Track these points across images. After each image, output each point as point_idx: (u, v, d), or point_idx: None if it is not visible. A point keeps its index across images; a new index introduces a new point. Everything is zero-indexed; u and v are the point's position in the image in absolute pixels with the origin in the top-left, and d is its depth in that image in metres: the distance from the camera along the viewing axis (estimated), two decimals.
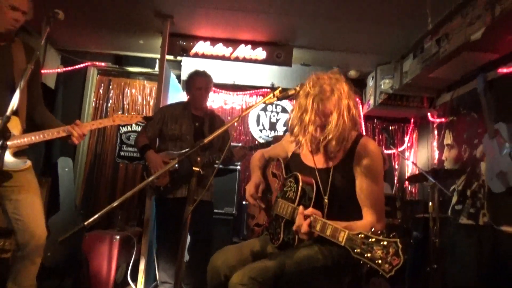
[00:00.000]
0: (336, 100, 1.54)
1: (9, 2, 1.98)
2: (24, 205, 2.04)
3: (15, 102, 1.70)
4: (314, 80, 1.60)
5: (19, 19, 2.03)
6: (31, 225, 2.02)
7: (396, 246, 1.18)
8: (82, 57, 4.85)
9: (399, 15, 3.48)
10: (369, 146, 1.62)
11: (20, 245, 2.03)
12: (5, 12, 1.98)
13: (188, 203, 1.48)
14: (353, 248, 1.26)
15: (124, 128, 4.93)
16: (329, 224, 1.40)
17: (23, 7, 2.03)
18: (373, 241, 1.22)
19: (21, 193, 2.05)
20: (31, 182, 2.13)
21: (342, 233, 1.33)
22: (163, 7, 3.66)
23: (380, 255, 1.19)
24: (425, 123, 4.83)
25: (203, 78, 3.18)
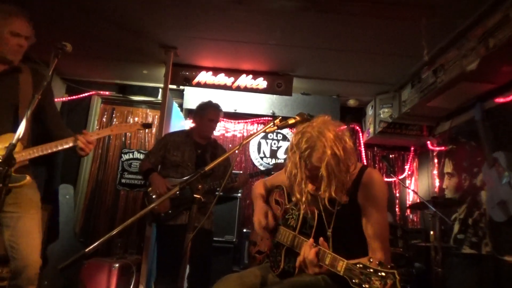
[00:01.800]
0: (321, 153, 1.50)
1: (9, 29, 2.02)
2: (21, 233, 2.03)
3: (20, 131, 1.73)
4: (299, 136, 1.58)
5: (22, 45, 2.08)
6: (26, 254, 2.01)
7: (393, 278, 1.18)
8: (86, 86, 4.95)
9: (397, 47, 3.58)
10: (374, 177, 1.63)
11: (14, 273, 2.01)
12: (7, 38, 2.03)
13: (188, 230, 1.49)
14: (352, 278, 1.26)
15: (126, 155, 4.96)
16: (328, 253, 1.40)
17: (25, 32, 2.08)
18: (371, 271, 1.22)
19: (19, 220, 2.04)
20: (31, 199, 2.12)
21: (341, 263, 1.33)
22: (167, 39, 3.78)
23: (378, 286, 1.19)
24: (425, 151, 4.85)
25: (217, 112, 3.25)
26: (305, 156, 1.52)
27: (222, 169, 3.21)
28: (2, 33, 2.02)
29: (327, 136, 1.52)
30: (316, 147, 1.51)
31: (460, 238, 3.81)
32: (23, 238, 2.02)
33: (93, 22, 3.52)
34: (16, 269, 2.00)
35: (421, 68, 3.88)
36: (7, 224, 2.02)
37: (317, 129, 1.55)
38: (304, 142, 1.53)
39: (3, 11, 2.04)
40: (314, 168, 1.52)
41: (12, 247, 2.01)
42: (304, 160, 1.52)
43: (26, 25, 2.09)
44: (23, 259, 2.00)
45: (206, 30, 3.57)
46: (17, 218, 2.04)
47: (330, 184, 1.50)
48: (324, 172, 1.49)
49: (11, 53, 2.06)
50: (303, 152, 1.52)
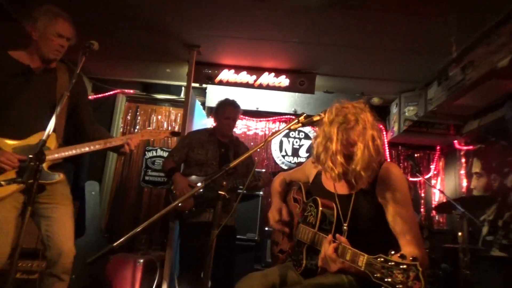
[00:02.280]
0: (360, 130, 1.52)
1: (55, 30, 2.11)
2: (56, 223, 2.12)
3: (50, 127, 1.78)
4: (338, 109, 1.59)
5: (64, 45, 2.17)
6: (60, 243, 2.09)
7: (416, 270, 1.13)
8: (111, 84, 5.06)
9: (423, 44, 3.49)
10: (391, 170, 1.59)
11: (49, 262, 2.10)
12: (51, 39, 2.12)
13: (213, 227, 1.49)
14: (373, 272, 1.23)
15: (150, 153, 5.04)
16: (348, 248, 1.37)
17: (68, 34, 2.17)
18: (393, 264, 1.18)
19: (54, 211, 2.13)
20: (64, 195, 2.22)
21: (362, 257, 1.30)
22: (190, 38, 3.81)
23: (401, 279, 1.14)
24: (451, 151, 4.72)
25: (233, 109, 3.25)
26: (345, 128, 1.52)
27: (244, 168, 3.22)
28: (48, 33, 2.11)
29: (368, 118, 1.55)
30: (358, 122, 1.53)
31: (489, 240, 3.69)
32: (58, 227, 2.11)
33: (119, 23, 3.58)
34: (51, 257, 2.09)
35: (449, 65, 3.77)
36: (43, 215, 2.12)
37: (358, 108, 1.58)
38: (345, 115, 1.54)
39: (50, 12, 2.13)
40: (350, 143, 1.52)
41: (48, 236, 2.10)
42: (342, 132, 1.52)
43: (69, 27, 2.18)
44: (58, 248, 2.08)
45: (229, 29, 3.58)
46: (51, 208, 2.13)
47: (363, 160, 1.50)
48: (361, 148, 1.49)
49: (53, 53, 2.15)
50: (344, 123, 1.53)
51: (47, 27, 2.11)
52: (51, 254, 2.09)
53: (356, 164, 1.52)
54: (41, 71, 2.18)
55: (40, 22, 2.10)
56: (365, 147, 1.50)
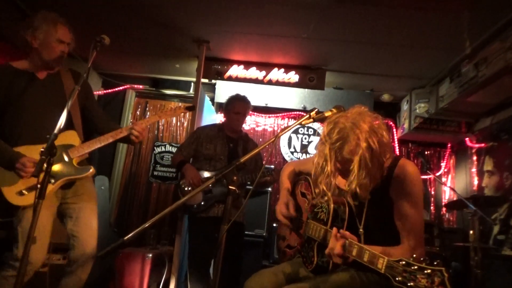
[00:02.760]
0: (354, 146, 1.44)
1: (56, 37, 2.15)
2: (82, 223, 2.18)
3: (62, 121, 1.79)
4: (331, 126, 1.51)
5: (65, 50, 2.21)
6: (85, 244, 2.15)
7: (441, 275, 1.10)
8: (121, 80, 5.07)
9: (435, 40, 3.44)
10: (407, 169, 1.53)
11: (71, 260, 2.15)
12: (53, 46, 2.15)
13: (223, 222, 1.49)
14: (394, 276, 1.19)
15: (159, 148, 5.05)
16: (366, 249, 1.34)
17: (68, 39, 2.21)
18: (416, 269, 1.15)
19: (81, 211, 2.19)
20: (91, 193, 2.30)
21: (381, 260, 1.26)
22: (200, 33, 3.80)
23: (425, 284, 1.11)
24: (463, 148, 4.67)
25: (243, 104, 3.24)
26: (336, 147, 1.46)
27: (253, 163, 3.21)
28: (50, 41, 2.14)
29: (362, 128, 1.44)
30: (348, 139, 1.44)
31: (501, 239, 3.64)
32: (83, 228, 2.18)
33: (129, 18, 3.59)
34: (74, 256, 2.14)
35: (461, 61, 3.72)
36: (70, 215, 2.18)
37: (351, 120, 1.47)
38: (336, 133, 1.46)
39: (49, 20, 2.15)
40: (345, 161, 1.45)
41: (74, 236, 2.16)
42: (335, 152, 1.46)
43: (68, 31, 2.21)
44: (82, 248, 2.15)
45: (239, 24, 3.56)
46: (78, 209, 2.19)
47: (359, 177, 1.43)
48: (356, 165, 1.42)
49: (56, 59, 2.19)
50: (334, 143, 1.46)
51: (47, 35, 2.14)
52: (74, 253, 2.14)
53: (350, 182, 1.46)
54: (45, 77, 2.23)
55: (39, 30, 2.13)
56: (360, 163, 1.43)
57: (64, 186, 2.14)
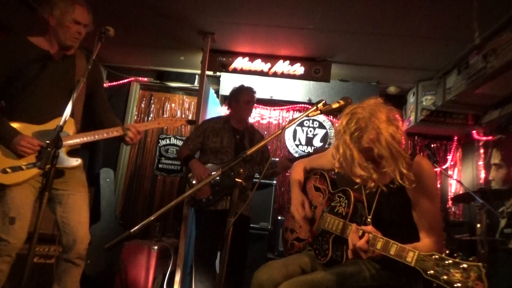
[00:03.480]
0: (373, 135, 1.45)
1: (72, 17, 2.09)
2: (73, 209, 2.14)
3: (67, 113, 1.78)
4: (348, 117, 1.51)
5: (82, 32, 2.16)
6: (76, 229, 2.12)
7: (478, 271, 1.08)
8: (126, 72, 5.06)
9: (443, 30, 3.39)
10: (424, 165, 1.55)
11: (65, 247, 2.12)
12: (69, 26, 2.10)
13: (230, 215, 1.48)
14: (426, 269, 1.18)
15: (163, 141, 5.05)
16: (393, 243, 1.33)
17: (85, 20, 2.15)
18: (450, 263, 1.14)
19: (70, 197, 2.16)
20: (80, 181, 2.25)
21: (411, 253, 1.26)
22: (205, 25, 3.77)
23: (459, 278, 1.09)
24: (470, 141, 4.62)
25: (251, 93, 3.23)
26: (355, 137, 1.46)
27: (260, 155, 3.20)
28: (65, 20, 2.09)
29: (380, 118, 1.46)
30: (367, 129, 1.45)
31: (507, 232, 3.61)
32: (73, 214, 2.14)
33: (133, 10, 3.56)
34: (67, 243, 2.11)
35: (469, 53, 3.66)
36: (59, 201, 2.14)
37: (368, 110, 1.48)
38: (354, 123, 1.47)
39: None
40: (366, 150, 1.46)
41: (64, 222, 2.12)
42: (354, 141, 1.46)
43: (86, 13, 2.16)
44: (73, 234, 2.11)
45: (244, 15, 3.53)
46: (67, 195, 2.15)
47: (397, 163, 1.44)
48: (387, 152, 1.43)
49: (71, 40, 2.14)
50: (353, 133, 1.46)
51: (64, 14, 2.09)
52: (66, 240, 2.12)
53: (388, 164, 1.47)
54: (60, 58, 2.19)
55: (56, 9, 2.09)
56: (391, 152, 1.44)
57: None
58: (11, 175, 1.96)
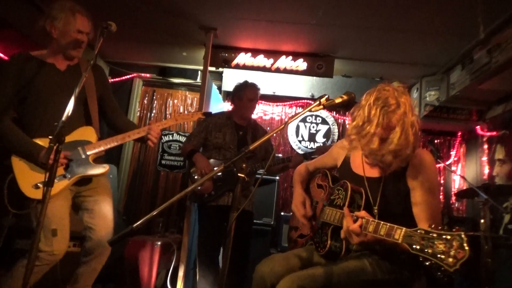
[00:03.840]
0: (401, 114, 1.50)
1: (75, 27, 2.12)
2: (99, 216, 2.19)
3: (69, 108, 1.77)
4: (380, 91, 1.55)
5: (85, 40, 2.19)
6: (101, 236, 2.16)
7: (460, 239, 1.09)
8: (128, 68, 5.06)
9: (447, 25, 3.37)
10: (424, 157, 1.57)
11: (87, 251, 2.16)
12: (72, 36, 2.12)
13: (232, 210, 1.48)
14: (412, 244, 1.19)
15: (166, 137, 5.06)
16: (383, 224, 1.34)
17: (87, 28, 2.17)
18: (434, 236, 1.14)
19: (97, 203, 2.21)
20: (106, 188, 2.31)
21: (399, 230, 1.27)
22: (207, 20, 3.76)
23: (443, 249, 1.10)
24: (473, 137, 4.60)
25: (255, 90, 3.20)
26: (386, 111, 1.49)
27: (263, 151, 3.19)
28: (68, 31, 2.11)
29: (409, 102, 1.53)
30: (400, 106, 1.50)
31: (511, 228, 3.60)
32: (100, 220, 2.19)
33: (135, 5, 3.55)
34: (90, 248, 2.16)
35: (474, 48, 3.63)
36: (86, 207, 2.19)
37: (400, 92, 1.54)
38: (387, 99, 1.51)
39: (68, 9, 2.12)
40: (390, 126, 1.50)
41: (90, 228, 2.17)
42: (383, 115, 1.49)
43: (87, 21, 2.18)
44: (98, 240, 2.15)
45: (246, 10, 3.51)
46: (94, 201, 2.20)
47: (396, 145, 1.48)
48: (399, 132, 1.47)
49: (75, 49, 2.17)
50: (386, 106, 1.50)
51: (66, 25, 2.11)
52: (90, 245, 2.15)
53: (387, 146, 1.50)
54: (65, 69, 2.21)
55: (58, 20, 2.10)
56: (402, 133, 1.48)
57: (78, 183, 2.15)
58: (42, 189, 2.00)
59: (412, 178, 1.56)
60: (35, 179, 2.00)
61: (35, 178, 2.00)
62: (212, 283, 2.90)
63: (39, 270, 1.98)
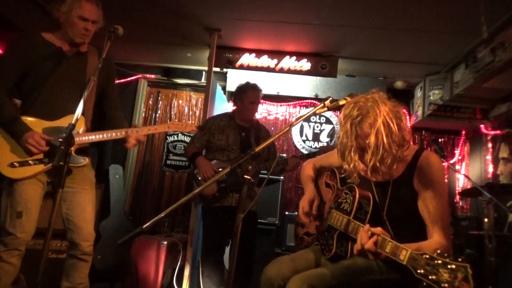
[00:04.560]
0: (372, 121, 1.46)
1: (79, 14, 2.09)
2: (77, 207, 2.17)
3: (79, 111, 1.82)
4: (351, 105, 1.54)
5: (90, 28, 2.14)
6: (80, 226, 2.15)
7: (465, 272, 1.10)
8: (133, 69, 5.10)
9: (450, 24, 3.37)
10: (431, 160, 1.56)
11: (71, 243, 2.17)
12: (76, 23, 2.10)
13: (239, 211, 1.50)
14: (416, 268, 1.20)
15: (171, 137, 5.09)
16: (388, 241, 1.35)
17: (92, 16, 2.13)
18: (439, 263, 1.15)
19: (76, 195, 2.18)
20: (87, 179, 2.26)
21: (404, 252, 1.27)
22: (211, 21, 3.79)
23: (447, 278, 1.11)
24: (477, 136, 4.60)
25: (256, 92, 3.21)
26: (356, 122, 1.48)
27: (266, 152, 3.21)
28: (72, 17, 2.10)
29: (382, 108, 1.48)
30: (368, 115, 1.47)
31: None
32: (78, 211, 2.17)
33: (140, 6, 3.58)
34: (72, 240, 2.15)
35: (477, 46, 3.64)
36: (64, 199, 2.16)
37: (371, 100, 1.51)
38: (357, 110, 1.50)
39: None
40: (364, 135, 1.47)
41: (68, 220, 2.16)
42: (355, 126, 1.48)
43: (95, 9, 2.15)
44: (77, 231, 2.14)
45: (250, 11, 3.53)
46: (72, 193, 2.17)
47: (377, 154, 1.45)
48: (373, 138, 1.44)
49: (79, 36, 2.14)
50: (355, 118, 1.49)
51: (71, 11, 2.09)
52: (71, 236, 2.16)
53: (369, 159, 1.47)
54: (72, 54, 2.21)
55: (64, 5, 2.10)
56: (377, 138, 1.45)
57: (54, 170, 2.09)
58: (19, 169, 2.00)
59: (420, 181, 1.56)
60: (12, 157, 1.99)
61: (12, 157, 2.00)
62: (217, 283, 2.93)
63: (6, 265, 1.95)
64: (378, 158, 1.46)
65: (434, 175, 1.54)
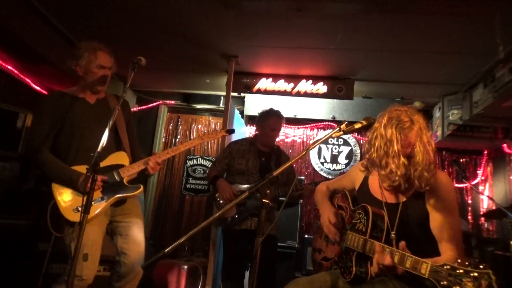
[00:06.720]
0: (417, 130, 1.56)
1: (97, 63, 2.31)
2: (133, 241, 2.29)
3: (104, 139, 1.91)
4: (391, 111, 1.62)
5: (107, 74, 2.37)
6: (134, 261, 2.25)
7: (489, 278, 1.09)
8: (154, 96, 5.27)
9: (467, 45, 3.38)
10: (441, 178, 1.58)
11: (120, 275, 2.25)
12: (95, 72, 2.31)
13: (258, 235, 1.53)
14: (439, 280, 1.19)
15: (191, 161, 5.18)
16: (408, 255, 1.36)
17: (108, 63, 2.35)
18: (461, 272, 1.14)
19: (131, 228, 2.31)
20: (139, 209, 2.43)
21: (425, 265, 1.28)
22: (229, 49, 3.91)
23: (471, 287, 1.11)
24: (500, 155, 4.51)
25: (278, 120, 3.25)
26: (405, 127, 1.55)
27: (285, 177, 3.22)
28: (92, 68, 2.31)
29: (422, 120, 1.60)
30: (414, 123, 1.57)
31: None
32: (134, 246, 2.29)
33: (161, 36, 3.73)
34: (123, 272, 2.25)
35: (495, 66, 3.62)
36: (120, 233, 2.30)
37: (412, 110, 1.62)
38: (399, 117, 1.57)
39: (90, 48, 2.32)
40: (410, 143, 1.55)
41: (124, 253, 2.26)
42: (400, 133, 1.55)
43: (109, 57, 2.37)
44: (132, 266, 2.24)
45: (267, 38, 3.63)
46: (127, 226, 2.31)
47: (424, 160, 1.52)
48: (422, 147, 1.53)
49: (99, 83, 2.35)
50: (400, 124, 1.55)
51: (90, 63, 2.30)
52: (123, 270, 2.24)
53: (417, 165, 1.54)
54: (94, 101, 2.40)
55: (82, 59, 2.30)
56: (424, 148, 1.54)
57: (115, 204, 2.26)
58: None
59: (431, 200, 1.57)
60: (75, 203, 2.11)
61: (75, 202, 2.11)
62: None
63: None
64: (426, 166, 1.53)
65: (445, 193, 1.56)
